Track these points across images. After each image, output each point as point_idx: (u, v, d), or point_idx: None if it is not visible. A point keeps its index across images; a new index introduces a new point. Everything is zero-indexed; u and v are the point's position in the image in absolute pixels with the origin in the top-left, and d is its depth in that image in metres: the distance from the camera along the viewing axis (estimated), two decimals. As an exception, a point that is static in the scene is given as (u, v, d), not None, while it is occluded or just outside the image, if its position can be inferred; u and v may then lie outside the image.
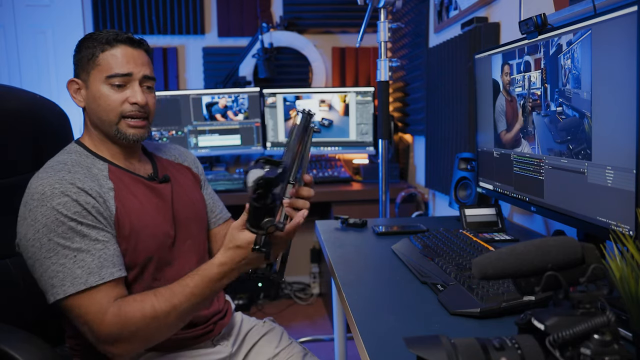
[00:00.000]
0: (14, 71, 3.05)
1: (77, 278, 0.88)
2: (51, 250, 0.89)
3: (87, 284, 0.88)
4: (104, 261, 0.91)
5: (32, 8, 3.01)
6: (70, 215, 0.90)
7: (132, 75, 1.03)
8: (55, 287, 0.89)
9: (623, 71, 0.81)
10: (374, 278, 1.04)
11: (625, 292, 0.58)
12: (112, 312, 0.87)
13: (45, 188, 0.92)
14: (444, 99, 2.02)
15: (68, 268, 0.89)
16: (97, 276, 0.89)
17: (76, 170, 0.98)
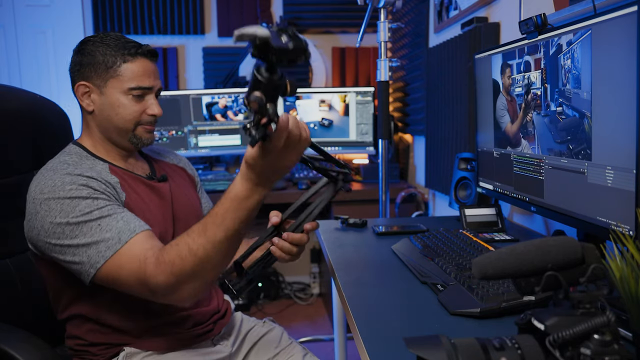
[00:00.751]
0: (14, 71, 3.05)
1: (110, 240, 0.88)
2: (74, 229, 0.89)
3: (121, 242, 0.88)
4: (129, 219, 0.92)
5: (32, 8, 3.01)
6: (84, 196, 0.91)
7: (152, 89, 1.06)
8: (92, 257, 0.88)
9: (623, 71, 0.81)
10: (374, 278, 1.04)
11: (625, 292, 0.58)
12: (153, 264, 0.85)
13: (55, 181, 0.93)
14: (444, 99, 2.02)
15: (97, 236, 0.89)
16: (128, 231, 0.89)
17: (80, 165, 1.00)
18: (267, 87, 0.67)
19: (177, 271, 0.84)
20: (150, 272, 0.85)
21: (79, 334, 1.03)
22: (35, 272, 1.19)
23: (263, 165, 0.77)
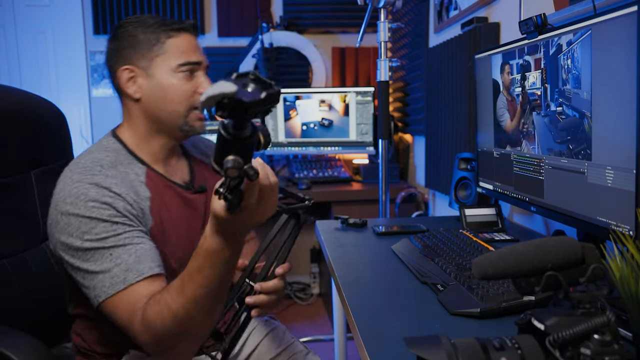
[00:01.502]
0: (14, 71, 3.05)
1: (115, 277, 0.85)
2: (87, 254, 0.86)
3: (125, 282, 0.84)
4: (142, 256, 0.87)
5: (32, 8, 3.01)
6: (104, 218, 0.87)
7: (201, 64, 0.99)
8: (97, 288, 0.86)
9: (623, 71, 0.81)
10: (374, 278, 1.04)
11: (625, 292, 0.58)
12: (139, 320, 0.82)
13: (79, 191, 0.88)
14: (444, 99, 2.02)
15: (107, 265, 0.85)
16: (136, 272, 0.85)
17: (113, 175, 0.93)
18: (240, 147, 0.59)
19: (159, 333, 0.80)
20: (136, 329, 0.83)
21: (84, 334, 1.03)
22: (33, 273, 1.19)
23: (235, 223, 0.71)
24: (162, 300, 0.80)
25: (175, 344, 0.83)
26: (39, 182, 1.24)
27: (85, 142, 3.10)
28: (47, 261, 1.24)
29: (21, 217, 1.19)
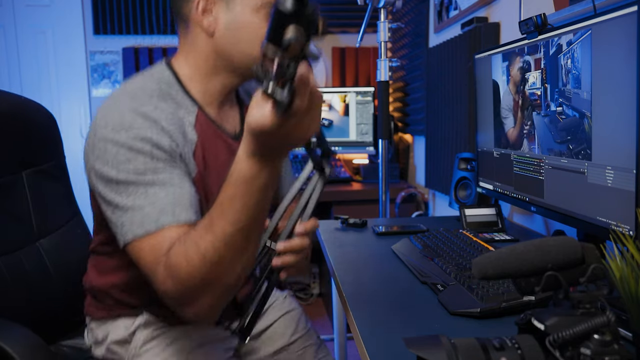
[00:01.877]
0: (14, 71, 3.05)
1: (147, 216, 0.75)
2: (120, 186, 0.77)
3: (157, 224, 0.75)
4: (180, 198, 0.77)
5: (32, 8, 3.01)
6: (145, 151, 0.78)
7: None
8: (124, 226, 0.77)
9: (623, 71, 0.81)
10: (374, 278, 1.04)
11: (625, 292, 0.58)
12: (163, 267, 0.73)
13: (124, 118, 0.79)
14: (444, 99, 2.02)
15: (139, 202, 0.76)
16: (170, 215, 0.76)
17: (162, 108, 0.83)
18: (301, 21, 0.48)
19: (184, 277, 0.70)
20: (159, 275, 0.73)
21: (102, 275, 0.98)
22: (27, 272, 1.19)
23: (278, 136, 0.59)
24: (188, 240, 0.71)
25: (200, 295, 0.72)
26: (31, 183, 1.25)
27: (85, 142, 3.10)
28: (41, 260, 1.25)
29: (14, 217, 1.20)
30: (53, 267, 1.27)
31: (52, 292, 1.25)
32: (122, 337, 0.97)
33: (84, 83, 3.06)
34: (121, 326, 0.97)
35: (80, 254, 1.41)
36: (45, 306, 1.22)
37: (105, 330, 1.00)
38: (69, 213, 1.42)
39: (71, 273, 1.35)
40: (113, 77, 3.05)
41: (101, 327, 1.01)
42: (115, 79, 3.05)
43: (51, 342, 1.19)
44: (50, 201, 1.34)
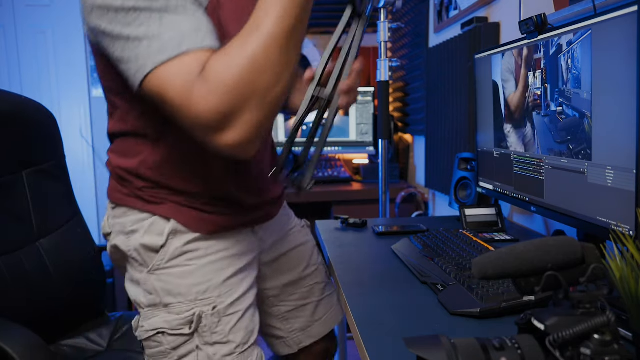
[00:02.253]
0: (14, 71, 3.05)
1: (168, 41, 0.67)
2: (129, 15, 0.69)
3: (180, 48, 0.67)
4: (200, 25, 0.70)
5: (32, 8, 3.01)
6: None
7: None
8: (140, 58, 0.68)
9: (623, 71, 0.81)
10: (374, 278, 1.04)
11: (625, 292, 0.58)
12: (199, 83, 0.66)
13: None
14: (444, 99, 2.02)
15: (154, 31, 0.68)
16: (193, 40, 0.68)
17: None
18: None
19: (232, 84, 0.64)
20: (196, 98, 0.65)
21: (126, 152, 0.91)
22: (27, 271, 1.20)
23: None
24: (228, 49, 0.66)
25: (245, 108, 0.65)
26: (31, 182, 1.25)
27: (86, 142, 3.10)
28: (41, 260, 1.25)
29: (14, 216, 1.20)
30: (53, 267, 1.28)
31: (52, 292, 1.26)
32: (153, 244, 0.89)
33: (84, 83, 3.06)
34: (154, 232, 0.89)
35: (80, 253, 1.41)
36: (45, 306, 1.22)
37: (131, 222, 0.91)
38: (69, 213, 1.42)
39: (71, 273, 1.35)
40: (113, 77, 3.05)
41: (129, 217, 0.92)
42: (115, 79, 3.05)
43: (51, 342, 1.20)
44: (51, 201, 1.34)
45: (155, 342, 0.89)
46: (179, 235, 0.90)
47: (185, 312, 0.88)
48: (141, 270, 0.91)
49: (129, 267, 0.94)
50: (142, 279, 0.90)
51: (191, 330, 0.87)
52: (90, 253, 1.44)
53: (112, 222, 0.95)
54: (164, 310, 0.89)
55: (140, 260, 0.91)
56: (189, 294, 0.88)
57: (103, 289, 1.50)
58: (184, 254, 0.89)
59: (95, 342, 1.35)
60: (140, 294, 0.91)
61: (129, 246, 0.92)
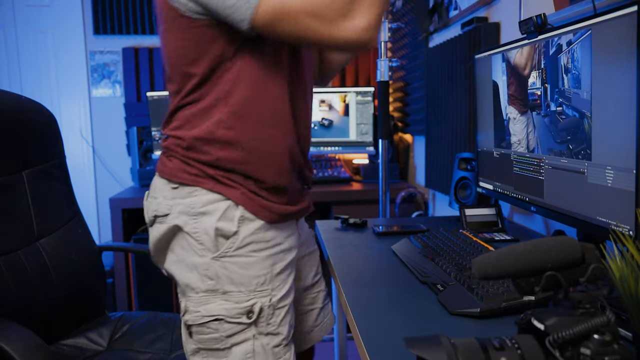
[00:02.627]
0: (14, 71, 3.05)
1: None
2: None
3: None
4: None
5: (32, 8, 3.02)
6: None
7: None
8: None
9: (623, 71, 0.81)
10: (374, 278, 1.04)
11: (625, 292, 0.58)
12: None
13: None
14: (444, 99, 2.02)
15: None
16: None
17: None
18: None
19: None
20: None
21: (197, 126, 0.91)
22: (27, 271, 1.20)
23: None
24: None
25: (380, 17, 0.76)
26: (31, 182, 1.25)
27: (86, 142, 3.10)
28: (41, 260, 1.25)
29: (14, 216, 1.20)
30: (53, 267, 1.28)
31: (52, 292, 1.26)
32: (227, 230, 0.89)
33: (84, 83, 3.06)
34: (228, 217, 0.89)
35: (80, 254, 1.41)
36: (45, 306, 1.22)
37: (202, 203, 0.90)
38: (69, 213, 1.43)
39: (71, 273, 1.35)
40: (113, 77, 3.05)
41: (198, 198, 0.90)
42: (115, 79, 3.05)
43: (51, 342, 1.19)
44: (51, 201, 1.34)
45: (210, 328, 0.89)
46: (246, 222, 0.91)
47: (244, 301, 0.89)
48: (203, 254, 0.89)
49: (181, 249, 0.91)
50: (204, 264, 0.89)
51: (250, 320, 0.89)
52: (90, 253, 1.44)
53: (172, 203, 0.92)
54: (222, 297, 0.89)
55: (206, 245, 0.89)
56: (250, 285, 0.90)
57: (103, 289, 1.50)
58: (249, 244, 0.91)
59: (95, 341, 1.35)
60: (196, 279, 0.90)
61: (196, 228, 0.90)
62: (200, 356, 0.91)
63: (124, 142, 3.09)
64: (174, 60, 0.91)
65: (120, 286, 2.41)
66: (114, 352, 1.32)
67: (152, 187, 0.98)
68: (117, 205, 2.34)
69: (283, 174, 0.95)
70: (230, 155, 0.90)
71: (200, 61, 0.88)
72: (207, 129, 0.89)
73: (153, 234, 0.95)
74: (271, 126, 0.92)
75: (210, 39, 0.86)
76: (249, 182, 0.92)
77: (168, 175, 0.93)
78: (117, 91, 3.06)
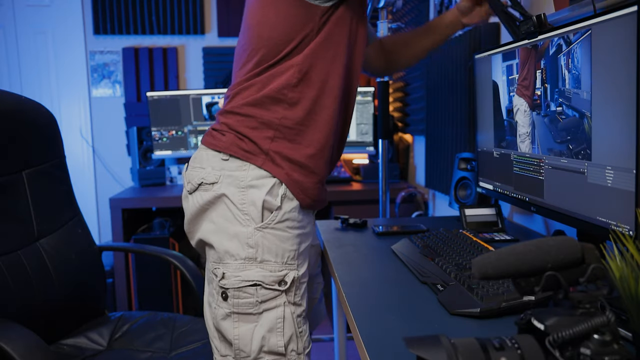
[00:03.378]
0: (14, 72, 3.05)
1: None
2: None
3: None
4: None
5: (32, 8, 3.02)
6: None
7: None
8: None
9: (623, 71, 0.81)
10: (374, 278, 1.04)
11: (625, 292, 0.58)
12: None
13: None
14: (444, 99, 2.02)
15: None
16: None
17: None
18: None
19: None
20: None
21: (251, 105, 1.00)
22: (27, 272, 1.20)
23: None
24: None
25: None
26: (31, 182, 1.25)
27: (86, 142, 3.10)
28: (41, 260, 1.25)
29: (14, 216, 1.20)
30: (53, 267, 1.28)
31: (52, 292, 1.26)
32: (272, 204, 0.98)
33: (84, 83, 3.06)
34: (274, 193, 0.99)
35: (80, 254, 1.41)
36: (45, 306, 1.22)
37: (252, 177, 0.99)
38: (69, 213, 1.43)
39: (71, 273, 1.35)
40: (113, 77, 3.05)
41: (248, 172, 0.99)
42: (115, 79, 3.05)
43: (51, 342, 1.19)
44: (50, 201, 1.34)
45: (247, 293, 0.97)
46: (287, 201, 1.01)
47: (277, 271, 0.98)
48: (247, 224, 0.97)
49: (223, 219, 0.98)
50: (246, 233, 0.97)
51: (283, 288, 0.98)
52: (90, 253, 1.44)
53: (220, 173, 1.00)
54: (259, 265, 0.97)
55: (252, 215, 0.97)
56: (283, 257, 0.99)
57: (103, 289, 1.50)
58: (286, 220, 1.00)
59: (95, 341, 1.35)
60: (237, 246, 0.97)
61: (244, 200, 0.98)
62: (230, 320, 0.98)
63: (124, 142, 3.09)
64: (269, 33, 1.00)
65: (120, 286, 2.41)
66: (114, 351, 1.32)
67: (197, 159, 1.05)
68: (117, 205, 2.34)
69: (322, 152, 1.04)
70: (294, 114, 1.00)
71: (296, 36, 0.99)
72: (278, 88, 0.99)
73: (194, 201, 1.02)
74: (329, 98, 1.03)
75: (305, 19, 0.97)
76: (294, 167, 1.01)
77: (220, 148, 1.01)
78: (117, 91, 3.06)
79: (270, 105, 1.00)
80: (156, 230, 2.45)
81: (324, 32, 0.99)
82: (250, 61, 1.02)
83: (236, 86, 1.03)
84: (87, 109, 3.07)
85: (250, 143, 1.00)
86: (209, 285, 1.04)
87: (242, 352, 0.97)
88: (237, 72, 1.05)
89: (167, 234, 2.40)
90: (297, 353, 1.00)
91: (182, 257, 1.50)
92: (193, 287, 1.41)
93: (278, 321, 0.98)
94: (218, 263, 0.99)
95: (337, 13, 1.00)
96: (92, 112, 3.08)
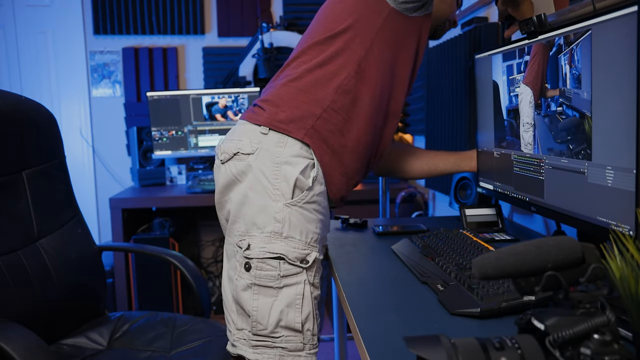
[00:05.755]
0: (14, 72, 3.05)
1: None
2: None
3: None
4: None
5: (32, 8, 3.02)
6: None
7: None
8: None
9: (623, 71, 0.81)
10: (374, 278, 1.04)
11: (625, 292, 0.58)
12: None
13: None
14: (444, 99, 2.02)
15: None
16: None
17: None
18: None
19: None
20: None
21: None
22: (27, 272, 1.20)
23: None
24: None
25: None
26: (31, 182, 1.25)
27: (86, 142, 3.10)
28: (41, 260, 1.25)
29: (14, 216, 1.20)
30: (53, 267, 1.28)
31: (52, 292, 1.26)
32: (304, 183, 1.01)
33: (84, 83, 3.06)
34: (307, 173, 1.02)
35: (80, 254, 1.41)
36: (46, 306, 1.22)
37: (288, 154, 1.01)
38: (69, 213, 1.43)
39: (71, 273, 1.35)
40: (113, 77, 3.05)
41: (285, 149, 1.02)
42: (115, 79, 3.05)
43: (51, 342, 1.19)
44: (50, 201, 1.34)
45: (270, 265, 0.98)
46: (317, 184, 1.04)
47: (300, 249, 1.00)
48: (277, 199, 0.99)
49: (254, 193, 1.00)
50: (276, 207, 0.99)
51: (305, 266, 1.00)
52: (90, 253, 1.44)
53: (258, 146, 1.02)
54: (284, 240, 0.99)
55: (283, 191, 0.99)
56: (307, 237, 1.01)
57: (103, 289, 1.50)
58: (314, 202, 1.03)
59: (95, 340, 1.35)
60: (265, 219, 0.99)
61: (277, 175, 1.00)
62: (251, 292, 0.98)
63: (124, 142, 3.09)
64: (343, 24, 1.05)
65: (120, 286, 2.41)
66: (114, 350, 1.32)
67: (235, 132, 1.07)
68: (117, 205, 2.34)
69: (356, 146, 1.10)
70: (344, 100, 1.04)
71: (370, 32, 1.05)
72: (336, 73, 1.04)
73: (226, 171, 1.04)
74: (378, 100, 1.09)
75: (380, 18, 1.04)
76: (327, 150, 1.05)
77: (260, 122, 1.03)
78: (117, 91, 3.06)
79: (326, 85, 1.04)
80: (156, 230, 2.45)
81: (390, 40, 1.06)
82: (319, 51, 1.06)
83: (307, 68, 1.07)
84: (87, 109, 3.07)
85: (295, 117, 1.02)
86: (229, 262, 1.05)
87: (259, 324, 0.98)
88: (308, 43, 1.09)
89: (167, 234, 2.40)
90: (312, 334, 1.03)
91: (182, 257, 1.50)
92: (193, 287, 1.41)
93: (297, 297, 0.98)
94: (244, 235, 1.00)
95: None
96: (92, 112, 3.08)
